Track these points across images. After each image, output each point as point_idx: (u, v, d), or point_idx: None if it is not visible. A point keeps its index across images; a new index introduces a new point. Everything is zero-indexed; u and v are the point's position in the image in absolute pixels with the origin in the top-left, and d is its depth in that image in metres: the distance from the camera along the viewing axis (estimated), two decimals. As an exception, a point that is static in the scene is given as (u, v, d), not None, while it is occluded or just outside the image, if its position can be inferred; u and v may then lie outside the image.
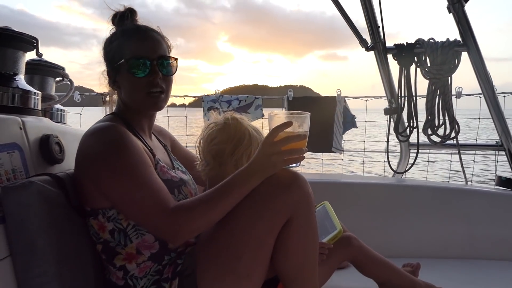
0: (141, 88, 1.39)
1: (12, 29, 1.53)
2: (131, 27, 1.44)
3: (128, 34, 1.42)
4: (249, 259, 1.32)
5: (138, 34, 1.42)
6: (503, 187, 2.46)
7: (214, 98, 3.66)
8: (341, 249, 1.73)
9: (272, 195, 1.30)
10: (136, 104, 1.42)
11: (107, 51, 1.45)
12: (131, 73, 1.37)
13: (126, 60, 1.37)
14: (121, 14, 1.47)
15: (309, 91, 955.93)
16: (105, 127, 1.30)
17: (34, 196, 1.20)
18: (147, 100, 1.40)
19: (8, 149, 1.29)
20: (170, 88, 1.46)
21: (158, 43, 1.43)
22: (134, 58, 1.37)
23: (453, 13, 2.40)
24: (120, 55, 1.39)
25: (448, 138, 2.69)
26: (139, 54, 1.37)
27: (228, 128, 1.57)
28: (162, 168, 1.42)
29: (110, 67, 1.44)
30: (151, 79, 1.38)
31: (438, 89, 2.61)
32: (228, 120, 1.58)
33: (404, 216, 2.39)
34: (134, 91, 1.40)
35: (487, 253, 2.28)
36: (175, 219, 1.21)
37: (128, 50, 1.38)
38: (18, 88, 1.50)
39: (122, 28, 1.45)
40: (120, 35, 1.43)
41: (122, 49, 1.40)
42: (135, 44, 1.39)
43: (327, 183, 2.47)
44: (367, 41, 2.75)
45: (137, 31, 1.43)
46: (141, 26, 1.45)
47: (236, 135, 1.56)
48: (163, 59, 1.41)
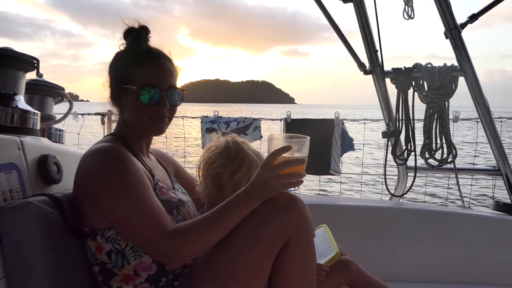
0: (146, 114, 1.39)
1: (13, 49, 1.54)
2: (145, 50, 1.43)
3: (141, 58, 1.40)
4: (247, 282, 1.31)
5: (152, 61, 1.41)
6: (500, 212, 2.45)
7: (213, 119, 3.68)
8: (339, 273, 1.72)
9: (270, 218, 1.30)
10: (139, 127, 1.43)
11: (116, 68, 1.44)
12: (140, 99, 1.37)
13: (138, 87, 1.36)
14: (136, 32, 1.44)
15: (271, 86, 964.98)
16: (105, 148, 1.30)
17: (32, 216, 1.20)
18: (150, 125, 1.41)
19: (6, 169, 1.29)
20: (174, 114, 1.47)
21: (170, 73, 1.43)
22: (146, 86, 1.37)
23: (450, 39, 2.43)
24: (130, 79, 1.38)
25: (445, 162, 2.69)
26: (151, 83, 1.37)
27: (228, 151, 1.57)
28: (161, 189, 1.42)
29: (117, 86, 1.42)
30: (157, 109, 1.39)
31: (436, 113, 2.62)
32: (229, 144, 1.59)
33: (402, 239, 2.38)
34: (139, 115, 1.40)
35: (485, 278, 2.27)
36: (173, 242, 1.21)
37: (139, 75, 1.38)
38: (18, 108, 1.51)
39: (136, 50, 1.43)
40: (134, 56, 1.42)
41: (133, 73, 1.39)
42: (148, 72, 1.39)
43: (324, 206, 2.46)
44: (366, 65, 2.77)
45: (151, 57, 1.41)
46: (155, 52, 1.44)
47: (236, 159, 1.56)
48: (172, 90, 1.42)
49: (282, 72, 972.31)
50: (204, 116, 3.71)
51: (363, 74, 2.79)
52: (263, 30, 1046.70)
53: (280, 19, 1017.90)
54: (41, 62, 1.66)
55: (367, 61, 2.76)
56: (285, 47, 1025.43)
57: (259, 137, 3.67)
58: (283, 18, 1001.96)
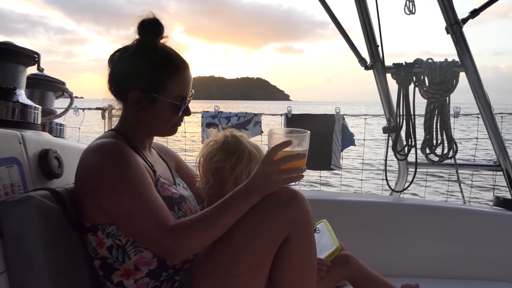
0: (172, 121, 1.42)
1: (14, 44, 1.54)
2: (175, 58, 1.39)
3: (175, 68, 1.38)
4: (247, 277, 1.32)
5: (183, 73, 1.39)
6: (501, 207, 2.45)
7: (213, 114, 3.68)
8: (339, 268, 1.73)
9: (271, 213, 1.30)
10: (157, 132, 1.46)
11: (136, 68, 1.37)
12: (172, 110, 1.39)
13: (171, 98, 1.37)
14: (152, 28, 1.39)
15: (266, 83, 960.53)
16: (107, 143, 1.30)
17: (33, 211, 1.20)
18: (171, 130, 1.45)
19: (7, 163, 1.29)
20: None
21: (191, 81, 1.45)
22: (179, 99, 1.38)
23: (451, 34, 2.43)
24: (163, 88, 1.35)
25: (446, 158, 2.69)
26: (183, 95, 1.39)
27: (228, 145, 1.57)
28: (163, 185, 1.42)
29: (142, 89, 1.36)
30: (182, 117, 1.43)
31: (436, 109, 2.62)
32: (227, 138, 1.59)
33: (402, 235, 2.38)
34: (164, 123, 1.42)
35: (485, 273, 2.27)
36: (174, 238, 1.21)
37: (172, 86, 1.36)
38: (18, 103, 1.50)
39: (162, 54, 1.38)
40: (164, 63, 1.37)
41: (164, 82, 1.35)
42: (181, 84, 1.39)
43: (325, 201, 2.47)
44: (366, 60, 2.77)
45: (183, 67, 1.39)
46: (184, 61, 1.41)
47: (235, 152, 1.56)
48: (191, 98, 1.45)
49: (277, 69, 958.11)
50: (204, 111, 3.71)
51: (364, 69, 2.79)
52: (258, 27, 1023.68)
53: (275, 16, 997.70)
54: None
55: (368, 56, 2.76)
56: (280, 44, 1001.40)
57: (260, 132, 3.68)
58: (278, 15, 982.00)
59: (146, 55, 1.37)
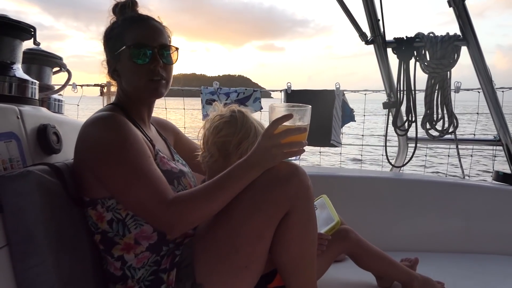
0: (142, 75, 1.38)
1: (9, 17, 1.51)
2: (132, 15, 1.44)
3: (129, 22, 1.41)
4: (247, 252, 1.32)
5: (140, 22, 1.42)
6: (500, 182, 2.46)
7: (213, 91, 3.66)
8: (338, 242, 1.74)
9: (271, 188, 1.29)
10: (137, 91, 1.41)
11: (107, 40, 1.45)
12: (132, 60, 1.36)
13: (128, 46, 1.36)
14: (122, 4, 1.46)
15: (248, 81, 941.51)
16: (105, 116, 1.29)
17: (32, 185, 1.19)
18: (148, 87, 1.39)
19: (5, 138, 1.28)
20: (170, 77, 1.45)
21: (160, 32, 1.42)
22: (136, 46, 1.36)
23: (453, 7, 2.40)
24: (121, 43, 1.38)
25: (446, 133, 2.69)
26: (140, 41, 1.37)
27: (235, 121, 1.55)
28: (162, 159, 1.41)
29: (110, 55, 1.44)
30: (152, 67, 1.37)
31: (437, 84, 2.61)
32: (234, 113, 1.57)
33: (402, 210, 2.39)
34: (135, 78, 1.39)
35: (485, 247, 2.29)
36: (173, 210, 1.21)
37: (130, 37, 1.38)
38: (16, 77, 1.49)
39: (124, 17, 1.44)
40: (121, 23, 1.42)
41: (123, 37, 1.39)
42: (137, 32, 1.39)
43: (325, 176, 2.47)
44: (367, 35, 2.74)
45: (138, 19, 1.43)
46: (142, 15, 1.45)
47: (242, 128, 1.55)
48: (164, 48, 1.41)
49: (259, 66, 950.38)
50: (204, 87, 3.69)
51: (364, 44, 2.76)
52: (239, 25, 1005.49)
53: (256, 14, 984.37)
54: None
55: (369, 31, 2.73)
56: (261, 42, 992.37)
57: (259, 108, 3.67)
58: (259, 13, 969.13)
59: (113, 25, 1.45)
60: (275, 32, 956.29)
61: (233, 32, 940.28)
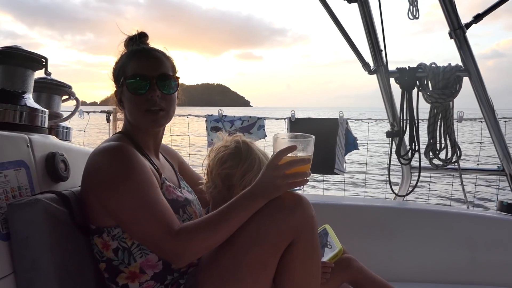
0: (140, 105, 1.40)
1: (22, 48, 1.55)
2: (137, 47, 1.48)
3: (133, 54, 1.45)
4: (251, 281, 1.32)
5: (140, 54, 1.45)
6: (505, 212, 2.45)
7: (217, 118, 3.69)
8: (341, 270, 1.73)
9: (275, 217, 1.30)
10: (137, 121, 1.44)
11: (114, 71, 1.49)
12: (131, 90, 1.39)
13: (126, 77, 1.40)
14: (130, 37, 1.51)
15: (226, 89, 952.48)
16: (114, 146, 1.31)
17: (40, 213, 1.21)
18: (146, 117, 1.41)
19: (14, 166, 1.30)
20: (171, 106, 1.46)
21: (160, 62, 1.44)
22: (133, 76, 1.39)
23: (454, 39, 2.44)
24: (123, 74, 1.42)
25: (449, 163, 2.69)
26: (138, 72, 1.40)
27: (239, 152, 1.57)
28: (168, 188, 1.43)
29: (116, 86, 1.48)
30: (149, 97, 1.39)
31: (440, 113, 2.62)
32: (239, 144, 1.59)
33: (405, 239, 2.38)
34: (134, 109, 1.42)
35: (489, 279, 2.27)
36: (179, 241, 1.22)
37: (130, 69, 1.41)
38: (26, 106, 1.52)
39: (129, 49, 1.48)
40: (126, 55, 1.47)
41: (125, 69, 1.43)
42: (137, 63, 1.42)
43: (328, 205, 2.47)
44: (370, 65, 2.77)
45: (141, 51, 1.46)
46: (146, 47, 1.48)
47: (247, 160, 1.56)
48: (163, 78, 1.42)
49: (237, 75, 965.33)
50: (209, 114, 3.73)
51: (367, 74, 2.79)
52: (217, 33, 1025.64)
53: (234, 23, 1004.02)
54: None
55: (372, 61, 2.76)
56: (240, 50, 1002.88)
57: (264, 136, 3.69)
58: (237, 22, 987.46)
59: (120, 57, 1.50)
60: (253, 41, 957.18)
61: (211, 41, 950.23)
